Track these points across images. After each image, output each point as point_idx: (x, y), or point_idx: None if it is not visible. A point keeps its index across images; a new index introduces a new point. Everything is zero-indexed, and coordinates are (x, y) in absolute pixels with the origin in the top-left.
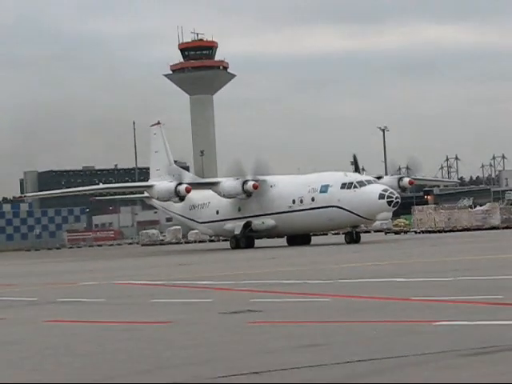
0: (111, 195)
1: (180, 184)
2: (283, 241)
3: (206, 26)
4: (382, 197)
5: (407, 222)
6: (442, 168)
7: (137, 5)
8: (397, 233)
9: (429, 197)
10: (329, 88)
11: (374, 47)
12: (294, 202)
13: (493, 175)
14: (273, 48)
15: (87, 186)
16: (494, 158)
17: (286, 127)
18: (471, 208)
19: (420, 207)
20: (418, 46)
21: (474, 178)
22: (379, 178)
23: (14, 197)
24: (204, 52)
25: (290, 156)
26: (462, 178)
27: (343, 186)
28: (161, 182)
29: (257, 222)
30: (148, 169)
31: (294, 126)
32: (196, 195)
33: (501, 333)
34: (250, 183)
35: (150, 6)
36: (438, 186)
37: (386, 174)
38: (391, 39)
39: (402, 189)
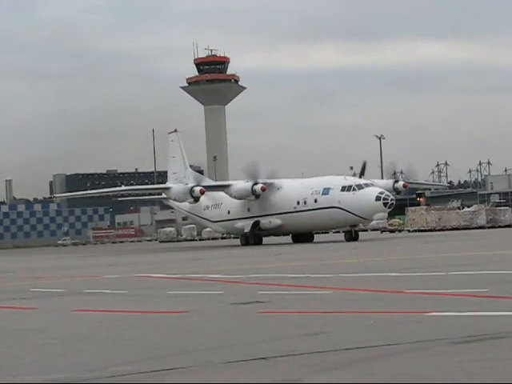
0: (132, 196)
1: (195, 186)
2: (288, 238)
3: (220, 43)
4: (378, 199)
5: (401, 222)
6: (433, 172)
7: (156, 23)
8: (392, 231)
9: (421, 199)
10: (331, 100)
11: (373, 63)
12: (298, 203)
13: (479, 179)
14: (280, 63)
15: (110, 187)
16: (480, 163)
17: (291, 135)
18: (459, 209)
19: (413, 208)
20: (413, 61)
21: (462, 182)
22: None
23: (44, 197)
24: (217, 66)
25: (294, 161)
26: (451, 181)
27: (343, 188)
28: (177, 185)
29: (264, 221)
30: (166, 172)
31: (299, 134)
32: (210, 196)
33: (487, 323)
34: (259, 186)
35: (168, 24)
36: (430, 189)
37: (382, 178)
38: (388, 55)
39: (397, 191)
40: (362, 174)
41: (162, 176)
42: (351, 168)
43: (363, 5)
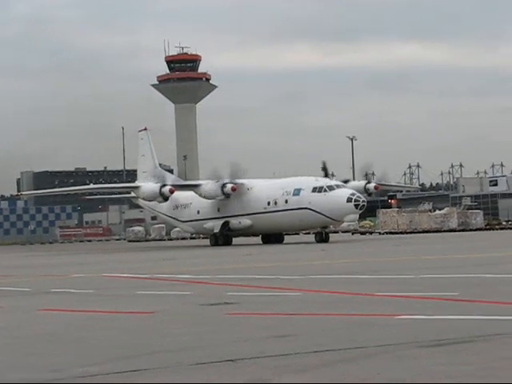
0: (101, 195)
1: (164, 185)
2: (258, 239)
3: (193, 42)
4: (349, 200)
5: (372, 224)
6: (405, 174)
7: (130, 21)
8: (362, 233)
9: (392, 201)
10: (306, 100)
11: (350, 63)
12: (268, 203)
13: (451, 182)
14: (253, 62)
15: (79, 186)
16: (452, 166)
17: (263, 135)
18: (431, 212)
19: (384, 210)
20: (390, 62)
21: (434, 185)
22: (346, 181)
23: (11, 195)
24: (188, 64)
25: (266, 161)
26: (423, 184)
27: (314, 189)
28: (147, 184)
29: (234, 222)
30: (135, 171)
31: (272, 134)
32: (179, 196)
33: (456, 326)
34: (229, 186)
35: (142, 22)
36: (401, 191)
37: (354, 180)
38: (365, 56)
39: (368, 193)
40: (326, 175)
41: (132, 175)
42: (323, 169)
43: (340, 5)
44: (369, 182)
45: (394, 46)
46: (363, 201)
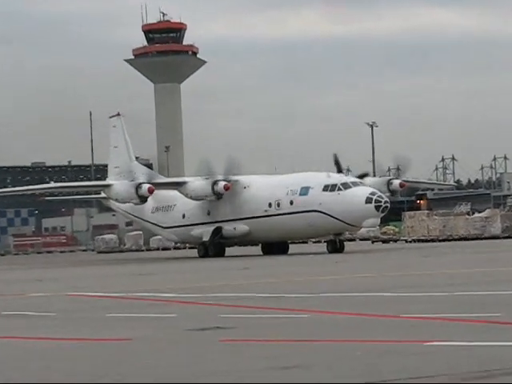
0: (64, 195)
1: (142, 184)
2: (257, 249)
3: (175, 6)
4: (369, 201)
5: (397, 230)
6: (436, 169)
7: None
8: (385, 241)
9: (421, 201)
10: (313, 78)
11: (365, 33)
12: (270, 205)
13: (493, 178)
14: (250, 33)
15: (36, 184)
16: (495, 158)
17: (262, 121)
18: (469, 215)
19: (411, 213)
20: (415, 31)
21: (473, 182)
22: (364, 175)
23: None
24: (171, 35)
25: (266, 154)
26: (458, 180)
27: (326, 188)
28: (120, 182)
29: (228, 228)
30: (106, 166)
31: (272, 121)
32: (160, 196)
33: (500, 354)
34: (221, 184)
35: None
36: (432, 190)
37: (374, 176)
38: (384, 25)
39: (392, 192)
40: (339, 171)
41: (102, 171)
42: (336, 163)
43: None
44: (392, 179)
45: (419, 11)
46: (386, 201)
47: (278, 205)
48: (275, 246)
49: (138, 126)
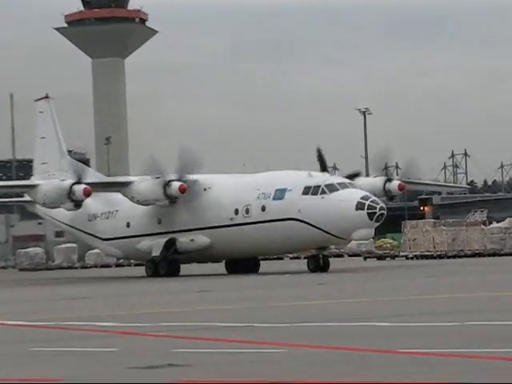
0: None
1: (76, 183)
2: (221, 267)
3: None
4: (360, 207)
5: (395, 243)
6: (445, 168)
7: None
8: (380, 258)
9: (426, 208)
10: (291, 53)
11: None
12: (236, 211)
13: None
14: None
15: None
16: None
17: (227, 106)
18: (485, 225)
19: (414, 222)
20: None
21: (490, 183)
22: (355, 175)
23: None
24: None
25: (232, 147)
26: (472, 181)
27: (306, 190)
28: (48, 181)
29: (184, 240)
30: (31, 161)
31: (240, 106)
32: (98, 200)
33: None
34: (175, 185)
35: None
36: (439, 194)
37: (368, 175)
38: None
39: (389, 196)
40: (324, 169)
41: (25, 167)
42: (319, 158)
43: None
44: (390, 179)
45: None
46: (381, 208)
47: (247, 211)
48: (243, 263)
49: (72, 112)
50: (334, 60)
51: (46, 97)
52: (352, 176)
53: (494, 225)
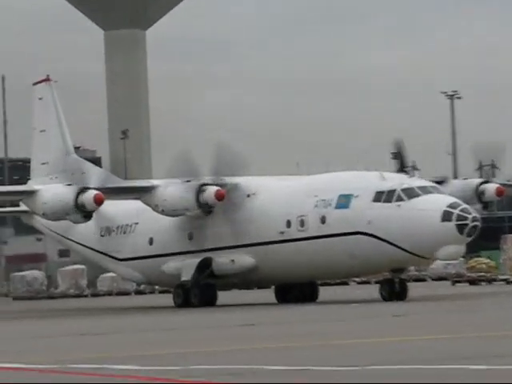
0: None
1: (85, 189)
2: (269, 294)
3: None
4: (447, 217)
5: (492, 264)
6: None
7: None
8: (474, 282)
9: None
10: (354, 26)
11: None
12: (288, 224)
13: None
14: None
15: None
16: None
17: (276, 92)
18: None
19: None
20: None
21: None
22: (442, 182)
23: None
24: None
25: (282, 142)
26: None
27: (378, 196)
28: (50, 186)
29: (222, 260)
30: (28, 161)
31: (292, 91)
32: (114, 211)
33: None
34: (211, 190)
35: None
36: None
37: (456, 177)
38: None
39: (484, 203)
40: (402, 168)
41: (21, 168)
42: (396, 155)
43: None
44: (485, 182)
45: None
46: (474, 218)
47: (302, 223)
48: (297, 290)
49: (80, 99)
50: (408, 33)
51: (47, 79)
52: (440, 182)
53: None
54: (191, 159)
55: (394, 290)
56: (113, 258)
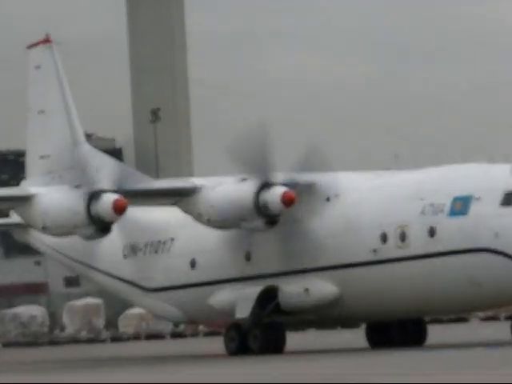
0: None
1: (100, 193)
2: (358, 336)
3: None
4: None
5: None
6: None
7: None
8: None
9: None
10: None
11: None
12: (384, 238)
13: None
14: None
15: None
16: None
17: (365, 58)
18: None
19: None
20: None
21: None
22: None
23: None
24: None
25: (372, 127)
26: None
27: (508, 198)
28: (53, 189)
29: (291, 290)
30: (21, 155)
31: (393, 58)
32: (141, 222)
33: None
34: (277, 192)
35: None
36: None
37: None
38: None
39: None
40: None
41: (12, 164)
42: None
43: None
44: None
45: None
46: None
47: (403, 237)
48: (396, 330)
49: (93, 69)
50: None
51: (46, 40)
52: None
53: None
54: (248, 149)
55: None
56: (140, 287)
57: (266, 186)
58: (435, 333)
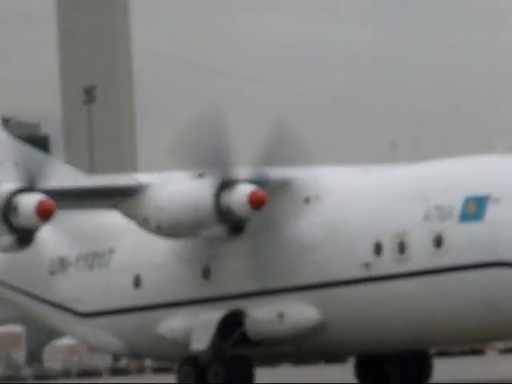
0: None
1: (22, 192)
2: (345, 372)
3: None
4: None
5: None
6: None
7: None
8: None
9: None
10: None
11: None
12: (378, 249)
13: None
14: None
15: None
16: None
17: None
18: None
19: None
20: None
21: None
22: None
23: None
24: None
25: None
26: None
27: None
28: None
29: (262, 315)
30: None
31: (381, 22)
32: (72, 230)
33: None
34: (243, 191)
35: None
36: None
37: None
38: None
39: None
40: None
41: None
42: None
43: None
44: None
45: None
46: None
47: (402, 248)
48: (393, 365)
49: (13, 36)
50: None
51: None
52: None
53: None
54: (210, 136)
55: None
56: (71, 311)
57: (228, 184)
58: (443, 368)
